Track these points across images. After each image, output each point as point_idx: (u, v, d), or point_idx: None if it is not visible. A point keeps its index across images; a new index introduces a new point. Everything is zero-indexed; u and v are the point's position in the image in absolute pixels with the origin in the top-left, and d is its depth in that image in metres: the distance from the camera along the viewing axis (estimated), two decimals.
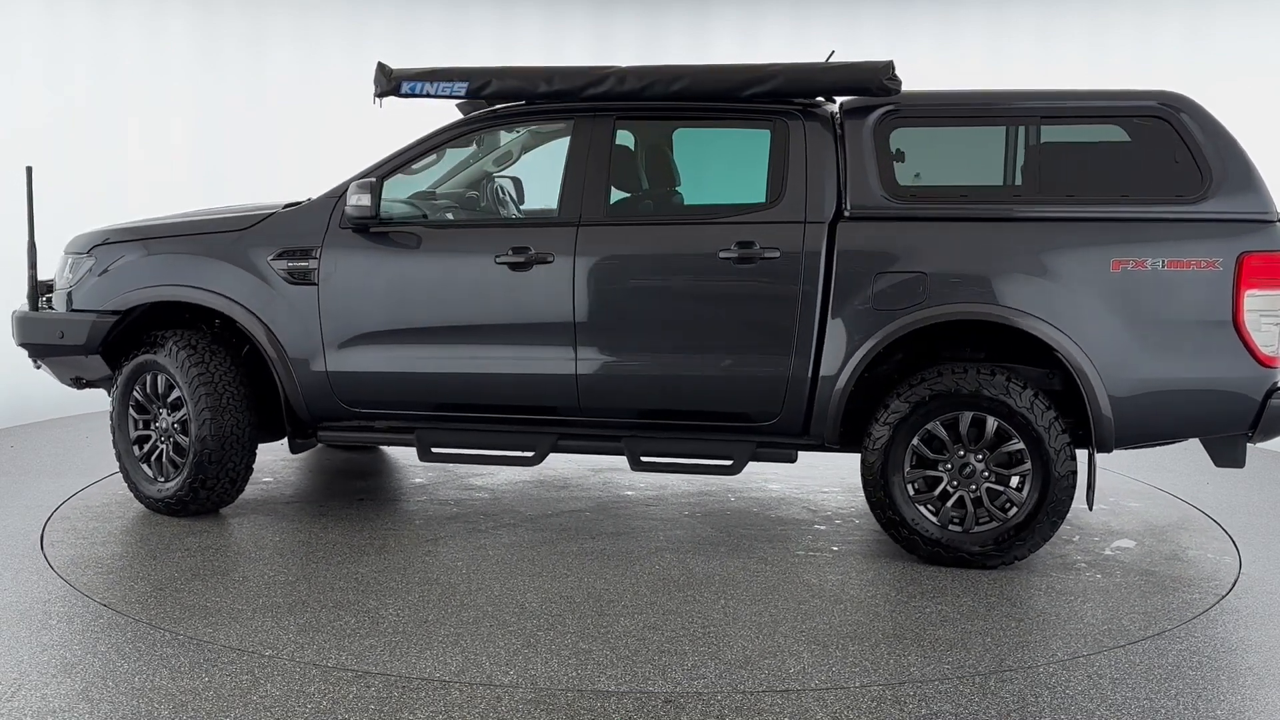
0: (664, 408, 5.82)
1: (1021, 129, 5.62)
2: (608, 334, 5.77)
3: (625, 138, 6.14)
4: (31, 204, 6.56)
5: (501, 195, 6.65)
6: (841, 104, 5.77)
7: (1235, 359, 5.32)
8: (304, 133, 10.36)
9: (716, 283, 5.65)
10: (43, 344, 6.49)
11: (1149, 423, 5.44)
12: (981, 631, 4.83)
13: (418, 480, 7.27)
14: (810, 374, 5.61)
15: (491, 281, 5.84)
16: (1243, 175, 5.37)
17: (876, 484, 5.58)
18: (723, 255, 5.62)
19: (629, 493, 6.91)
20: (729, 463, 5.78)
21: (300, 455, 7.80)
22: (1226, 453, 5.59)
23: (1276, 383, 5.39)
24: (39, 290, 6.67)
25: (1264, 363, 5.33)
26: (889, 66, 5.53)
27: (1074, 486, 5.46)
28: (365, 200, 5.82)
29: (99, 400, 9.27)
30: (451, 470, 7.45)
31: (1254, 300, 5.28)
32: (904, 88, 5.72)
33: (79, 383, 6.72)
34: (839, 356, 5.56)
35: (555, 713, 4.06)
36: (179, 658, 4.49)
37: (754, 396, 5.68)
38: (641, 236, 5.82)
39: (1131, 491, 7.13)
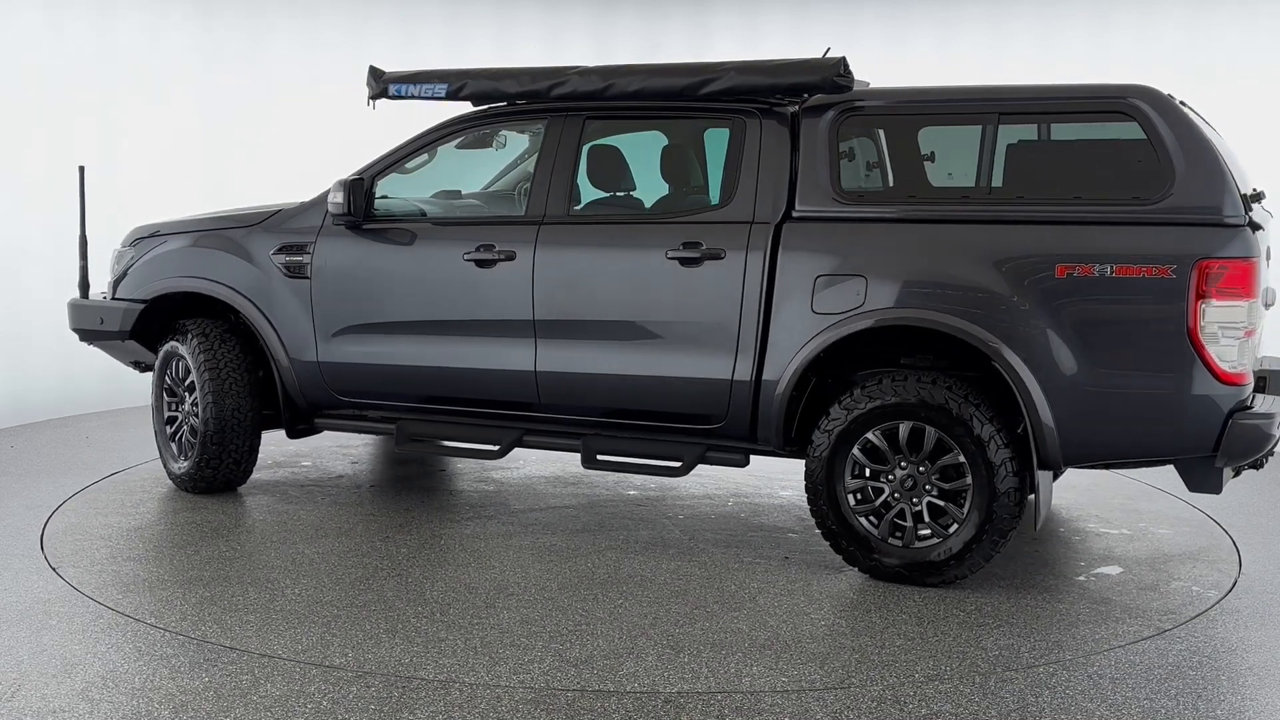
0: (617, 407, 5.82)
1: (981, 128, 5.31)
2: (564, 332, 5.83)
3: (657, 138, 6.15)
4: (83, 200, 7.10)
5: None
6: (803, 102, 5.61)
7: (1192, 375, 4.90)
8: (304, 132, 10.36)
9: (664, 283, 5.62)
10: (88, 329, 7.02)
11: (1099, 440, 5.08)
12: (854, 648, 4.64)
13: (443, 471, 7.39)
14: (754, 377, 5.50)
15: (460, 278, 6.00)
16: (1209, 175, 4.93)
17: (818, 493, 5.39)
18: (670, 256, 5.60)
19: (631, 492, 6.91)
20: (678, 464, 5.74)
21: (362, 443, 8.07)
22: (1200, 476, 5.14)
23: (1245, 401, 5.00)
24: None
25: (1224, 379, 4.90)
26: (840, 63, 5.38)
27: (1020, 504, 5.19)
28: (340, 198, 6.09)
29: (99, 401, 9.29)
30: (479, 463, 7.51)
31: (1211, 311, 4.85)
32: (908, 85, 5.68)
33: (139, 366, 7.24)
34: (780, 361, 5.43)
35: (555, 713, 4.06)
36: (179, 658, 4.49)
37: (701, 399, 5.61)
38: (597, 236, 5.86)
39: (1175, 517, 6.55)
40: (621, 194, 6.11)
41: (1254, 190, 5.37)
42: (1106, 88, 5.22)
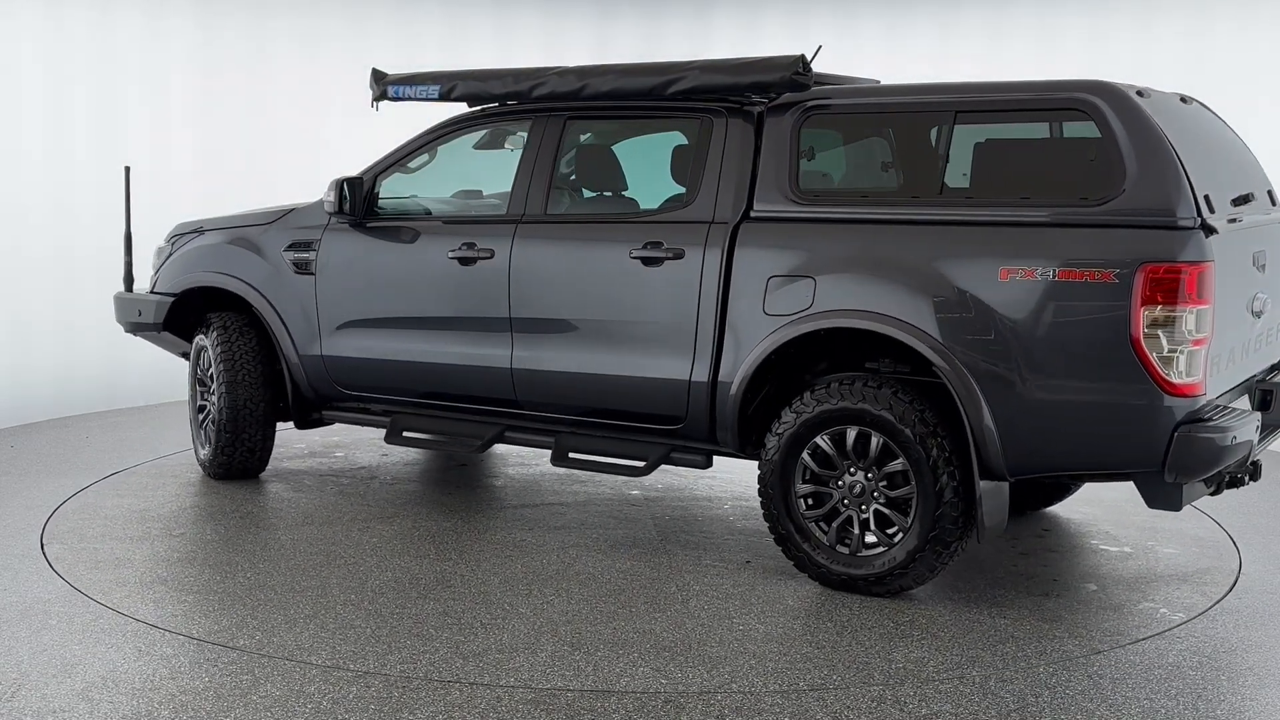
0: (586, 405, 5.86)
1: (938, 127, 5.17)
2: (537, 330, 5.91)
3: (676, 137, 6.16)
4: (129, 199, 7.41)
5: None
6: (770, 101, 5.51)
7: (1136, 384, 4.64)
8: (304, 133, 10.35)
9: (628, 283, 5.63)
10: (131, 322, 7.35)
11: (1044, 450, 4.87)
12: (755, 654, 4.58)
13: (463, 466, 7.48)
14: (710, 379, 5.45)
15: (445, 276, 6.14)
16: (1162, 176, 4.66)
17: (769, 498, 5.29)
18: (633, 255, 5.62)
19: (634, 492, 6.90)
20: (642, 464, 5.74)
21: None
22: (1158, 492, 4.85)
23: (1198, 413, 4.71)
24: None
25: (1169, 390, 4.62)
26: (797, 61, 5.32)
27: (967, 515, 4.99)
28: (332, 196, 6.34)
29: (99, 400, 9.28)
30: (499, 459, 7.59)
31: (1154, 317, 4.59)
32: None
33: (188, 357, 7.40)
34: (734, 362, 5.36)
35: (555, 713, 4.06)
36: (179, 658, 4.49)
37: (662, 399, 5.60)
38: (568, 235, 5.93)
39: (1192, 536, 6.16)
40: (611, 194, 6.15)
41: (1241, 194, 5.15)
42: (1063, 84, 5.01)
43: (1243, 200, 5.20)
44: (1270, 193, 5.70)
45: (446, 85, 6.24)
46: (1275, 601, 5.30)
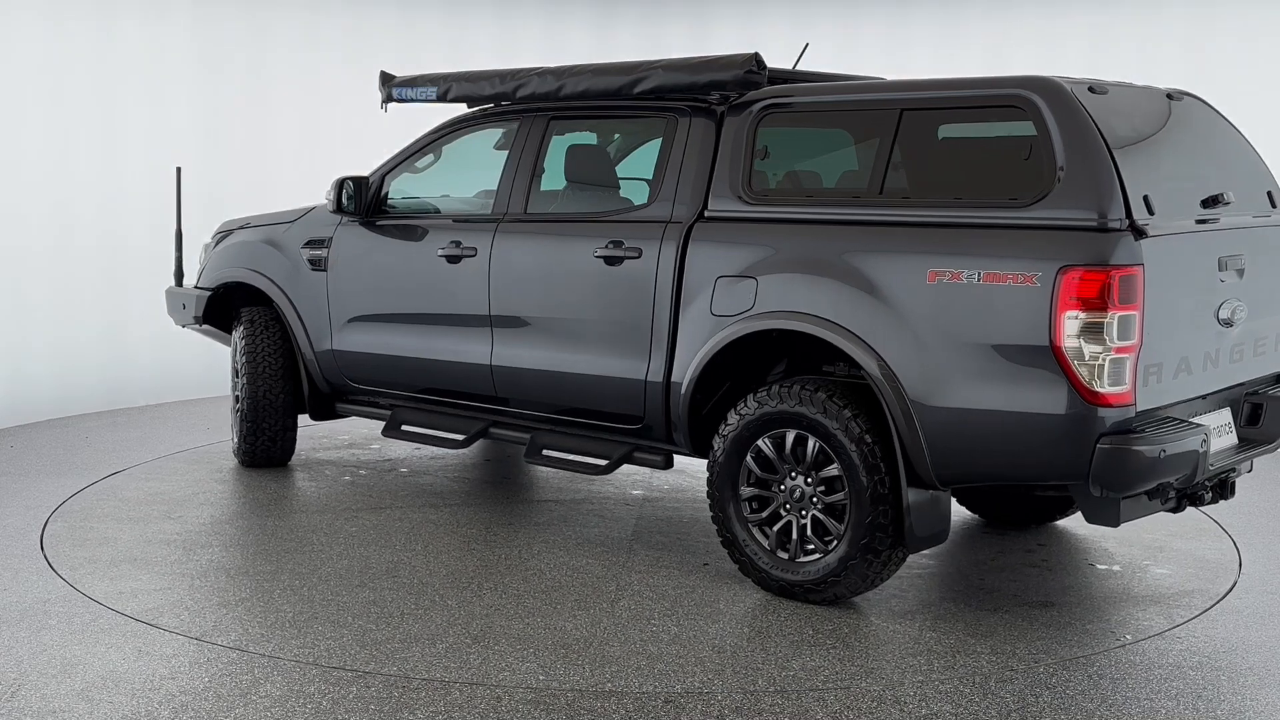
0: (557, 403, 5.93)
1: (885, 125, 5.06)
2: (513, 328, 6.01)
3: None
4: (179, 198, 7.76)
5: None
6: (731, 100, 5.48)
7: (1057, 392, 4.47)
8: (304, 134, 10.35)
9: (591, 282, 5.68)
10: (178, 315, 7.66)
11: (971, 458, 4.71)
12: (651, 654, 4.55)
13: (489, 460, 7.58)
14: (664, 379, 5.46)
15: (435, 273, 6.27)
16: (1092, 175, 4.50)
17: (715, 500, 5.25)
18: (596, 255, 5.65)
19: (636, 492, 6.90)
20: (605, 462, 5.77)
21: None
22: (1093, 506, 4.72)
23: (1127, 424, 4.49)
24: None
25: (1092, 399, 4.43)
26: (751, 59, 5.32)
27: (898, 523, 4.85)
28: (331, 194, 6.55)
29: (99, 401, 9.28)
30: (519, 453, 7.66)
31: (1074, 323, 4.41)
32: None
33: None
34: (684, 363, 5.35)
35: (555, 713, 4.07)
36: (179, 658, 4.50)
37: (621, 398, 5.63)
38: (541, 234, 6.00)
39: (1199, 558, 5.81)
40: (594, 194, 6.15)
41: (1212, 195, 4.93)
42: (1004, 80, 4.86)
43: (1213, 201, 4.95)
44: (1270, 194, 5.47)
45: (443, 87, 6.43)
46: (1275, 602, 5.30)
